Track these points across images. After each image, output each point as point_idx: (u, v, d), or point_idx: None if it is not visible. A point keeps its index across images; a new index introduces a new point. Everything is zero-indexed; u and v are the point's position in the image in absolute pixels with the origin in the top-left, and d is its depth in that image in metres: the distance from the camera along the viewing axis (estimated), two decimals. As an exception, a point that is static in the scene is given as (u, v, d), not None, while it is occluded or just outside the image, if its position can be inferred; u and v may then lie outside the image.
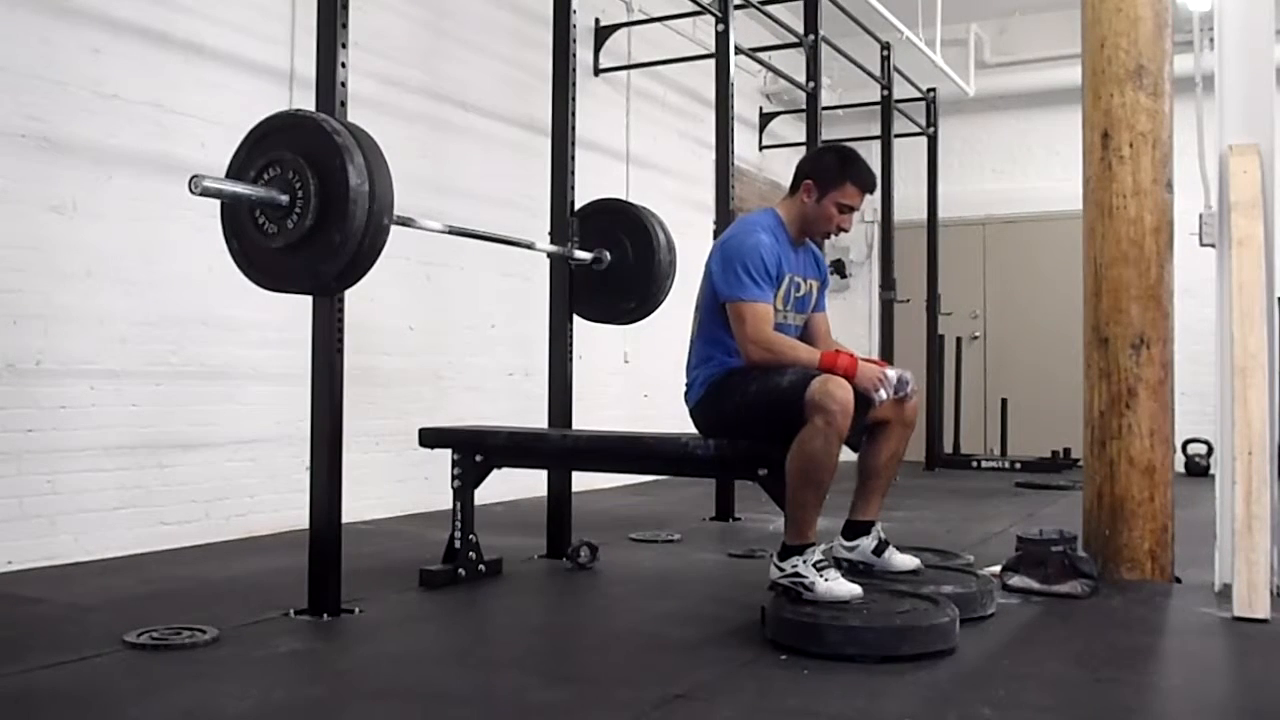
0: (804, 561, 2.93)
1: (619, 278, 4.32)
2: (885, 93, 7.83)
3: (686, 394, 3.38)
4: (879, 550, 3.30)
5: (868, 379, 3.02)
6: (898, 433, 3.29)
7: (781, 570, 2.97)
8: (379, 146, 2.95)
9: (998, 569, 3.60)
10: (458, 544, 3.66)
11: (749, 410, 3.14)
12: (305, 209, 2.85)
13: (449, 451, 3.71)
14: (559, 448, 3.82)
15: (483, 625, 3.28)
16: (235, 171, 2.97)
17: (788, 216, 3.37)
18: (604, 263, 4.30)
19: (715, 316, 3.28)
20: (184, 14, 4.38)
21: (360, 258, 2.89)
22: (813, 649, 2.68)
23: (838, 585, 2.89)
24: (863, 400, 3.02)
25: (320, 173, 2.85)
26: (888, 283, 8.03)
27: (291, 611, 3.12)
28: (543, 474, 4.29)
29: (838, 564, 3.19)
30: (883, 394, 3.05)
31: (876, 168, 8.44)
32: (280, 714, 2.34)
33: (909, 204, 8.44)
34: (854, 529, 3.33)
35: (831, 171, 3.31)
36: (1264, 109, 3.63)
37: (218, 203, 3.00)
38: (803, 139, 6.98)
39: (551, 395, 4.30)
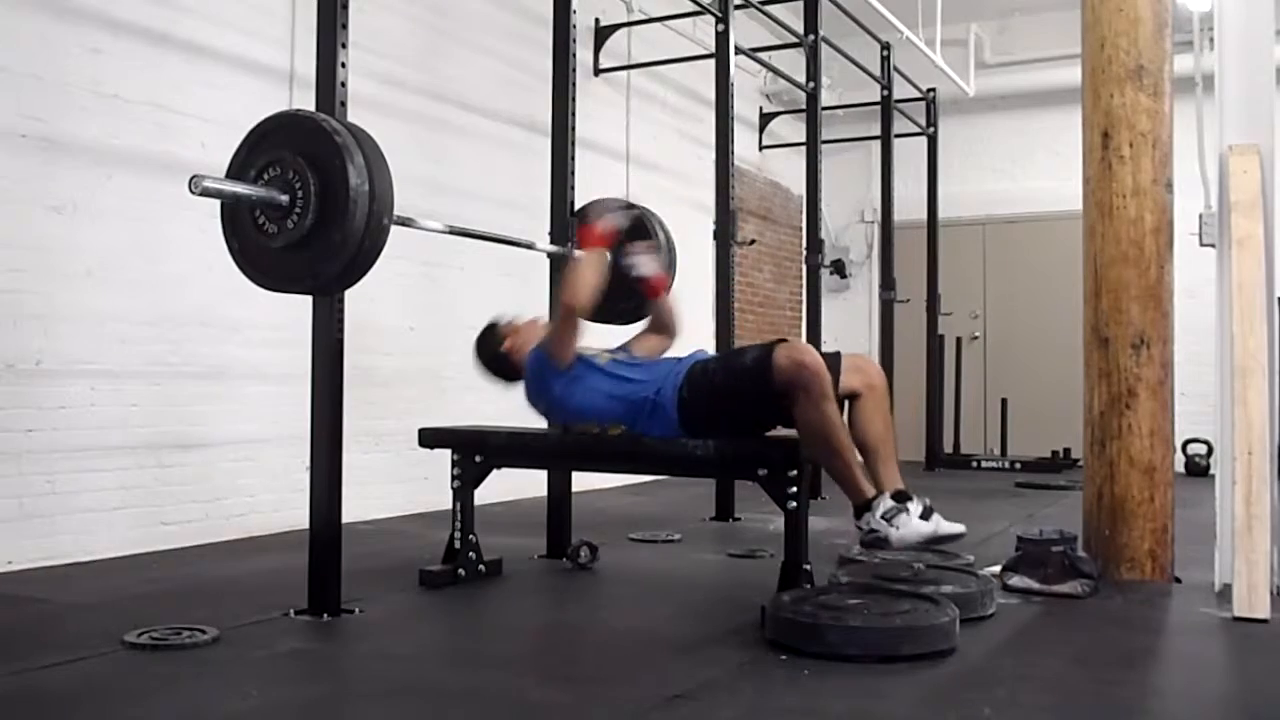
0: (875, 515, 2.95)
1: (618, 278, 4.30)
2: (885, 93, 7.83)
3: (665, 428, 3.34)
4: (925, 515, 3.11)
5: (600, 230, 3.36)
6: (874, 399, 3.25)
7: (862, 530, 3.00)
8: (379, 146, 2.95)
9: (998, 569, 3.60)
10: (458, 544, 3.66)
11: (726, 398, 3.15)
12: (305, 209, 2.85)
13: (449, 451, 3.72)
14: (559, 448, 3.82)
15: (483, 625, 3.28)
16: (235, 171, 2.97)
17: None
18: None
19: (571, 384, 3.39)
20: (184, 14, 4.39)
21: (360, 258, 2.89)
22: (813, 649, 2.68)
23: (909, 530, 2.89)
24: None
25: (320, 173, 2.85)
26: (888, 283, 8.03)
27: (291, 611, 3.12)
28: (543, 474, 4.29)
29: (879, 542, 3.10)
30: (609, 219, 3.31)
31: (877, 168, 8.47)
32: (280, 714, 2.34)
33: (909, 204, 8.44)
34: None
35: None
36: (1264, 109, 3.63)
37: (218, 203, 3.00)
38: (803, 139, 6.97)
39: (551, 395, 4.29)
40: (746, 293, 8.68)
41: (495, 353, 3.61)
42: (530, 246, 4.28)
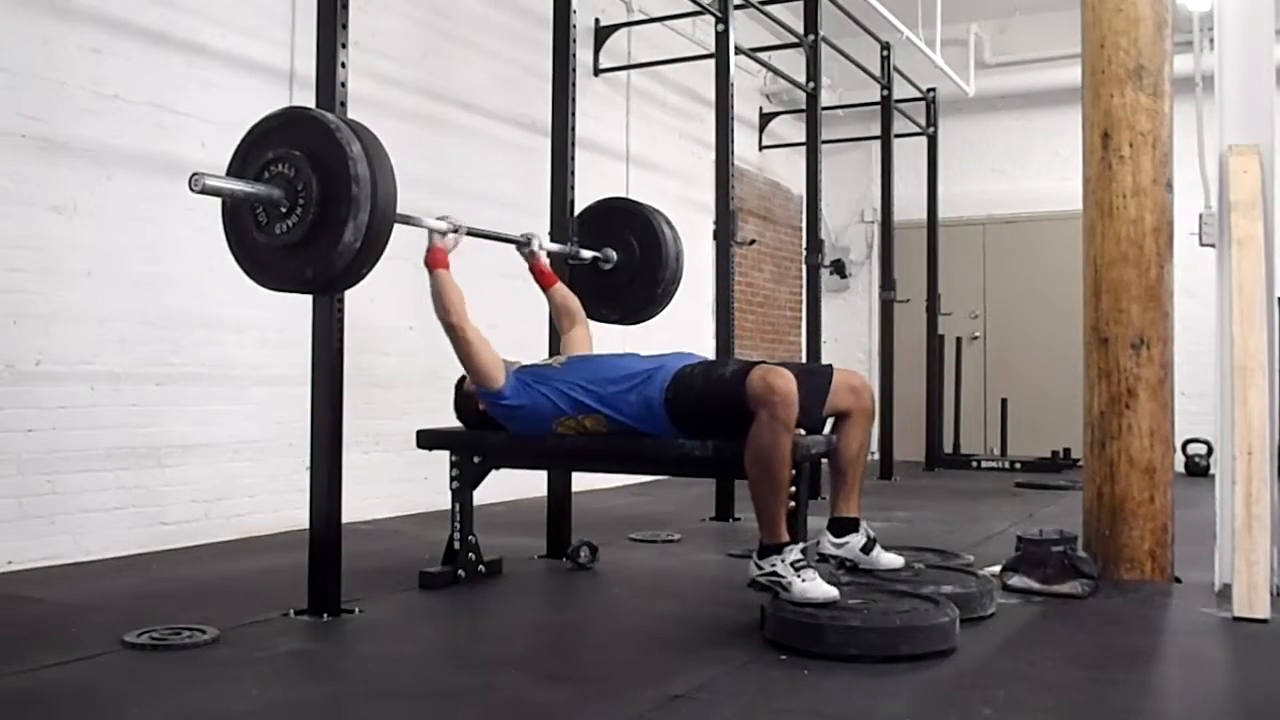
0: (782, 561, 2.91)
1: (625, 277, 4.28)
2: (885, 93, 7.83)
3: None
4: (867, 549, 3.29)
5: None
6: (860, 422, 3.29)
7: (760, 569, 2.97)
8: (381, 144, 2.93)
9: (998, 569, 3.60)
10: (457, 544, 3.66)
11: (703, 404, 3.16)
12: (307, 207, 2.82)
13: (448, 452, 3.71)
14: (558, 448, 3.81)
15: (483, 625, 3.28)
16: (235, 169, 2.95)
17: None
18: (609, 262, 4.26)
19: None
20: (184, 14, 4.39)
21: (362, 257, 2.87)
22: (813, 649, 2.68)
23: (813, 587, 2.85)
24: (816, 392, 3.09)
25: (321, 170, 2.82)
26: (888, 283, 8.03)
27: (291, 611, 3.12)
28: (543, 474, 4.29)
29: (825, 560, 3.19)
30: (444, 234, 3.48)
31: (877, 168, 8.47)
32: (280, 714, 2.34)
33: (909, 204, 8.44)
34: (841, 526, 3.31)
35: None
36: (1264, 109, 3.63)
37: (218, 202, 2.99)
38: (803, 139, 6.97)
39: (551, 395, 4.29)
40: (746, 293, 8.68)
41: (472, 410, 3.64)
42: (530, 246, 4.28)
